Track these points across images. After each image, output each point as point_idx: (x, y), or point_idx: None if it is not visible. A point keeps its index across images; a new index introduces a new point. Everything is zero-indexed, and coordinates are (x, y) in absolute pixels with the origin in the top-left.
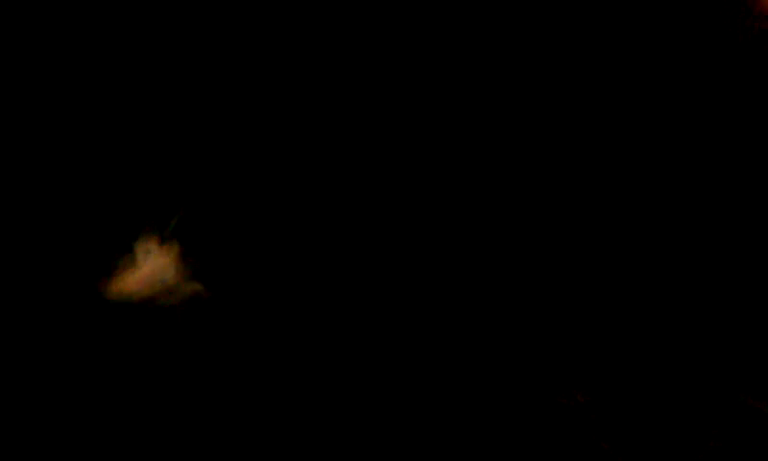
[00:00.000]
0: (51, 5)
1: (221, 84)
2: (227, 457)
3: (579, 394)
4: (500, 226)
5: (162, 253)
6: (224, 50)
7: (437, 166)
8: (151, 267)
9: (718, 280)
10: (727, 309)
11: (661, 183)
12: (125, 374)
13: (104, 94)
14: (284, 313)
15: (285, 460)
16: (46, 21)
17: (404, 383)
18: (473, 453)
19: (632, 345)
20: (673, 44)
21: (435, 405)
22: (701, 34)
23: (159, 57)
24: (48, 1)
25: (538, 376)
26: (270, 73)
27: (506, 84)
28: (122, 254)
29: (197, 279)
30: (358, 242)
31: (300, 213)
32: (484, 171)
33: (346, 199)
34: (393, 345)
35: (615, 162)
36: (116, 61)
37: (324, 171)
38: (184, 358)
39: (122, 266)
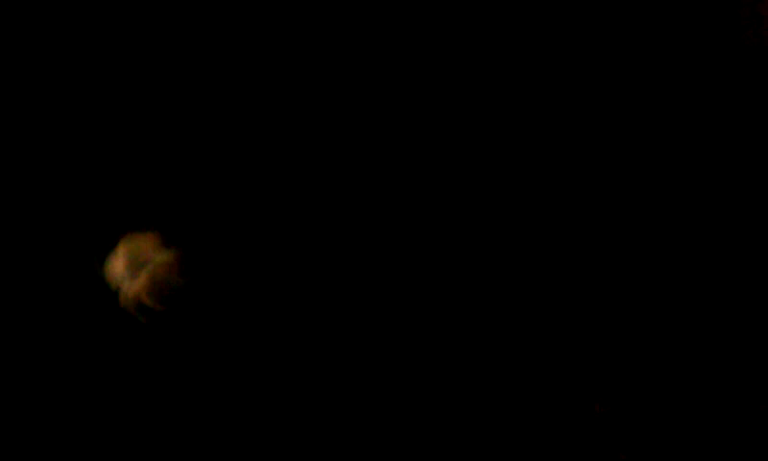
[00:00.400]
0: (51, 5)
1: (220, 84)
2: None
3: (596, 404)
4: (514, 230)
5: (162, 257)
6: (223, 50)
7: (439, 166)
8: (151, 273)
9: (738, 288)
10: (747, 316)
11: (677, 186)
12: (128, 377)
13: (103, 93)
14: (285, 312)
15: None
16: (46, 21)
17: (415, 389)
18: None
19: (651, 352)
20: (673, 44)
21: (445, 414)
22: (701, 33)
23: (159, 57)
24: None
25: (552, 386)
26: (269, 73)
27: (506, 83)
28: (121, 259)
29: (198, 282)
30: (360, 242)
31: (299, 213)
32: (494, 172)
33: (346, 198)
34: (398, 348)
35: (627, 163)
36: (116, 61)
37: (323, 170)
38: (186, 361)
39: (121, 272)
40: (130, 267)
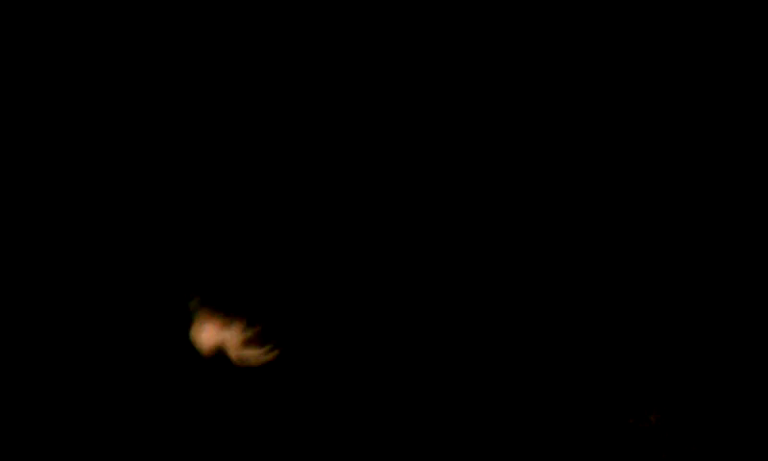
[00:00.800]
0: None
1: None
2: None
3: (651, 414)
4: (553, 233)
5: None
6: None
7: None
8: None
9: None
10: None
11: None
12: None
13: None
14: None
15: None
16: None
17: (466, 399)
18: None
19: (706, 360)
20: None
21: (498, 423)
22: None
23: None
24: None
25: (606, 395)
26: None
27: (506, 83)
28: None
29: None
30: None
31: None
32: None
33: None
34: (447, 355)
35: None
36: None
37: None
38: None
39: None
40: (222, 326)
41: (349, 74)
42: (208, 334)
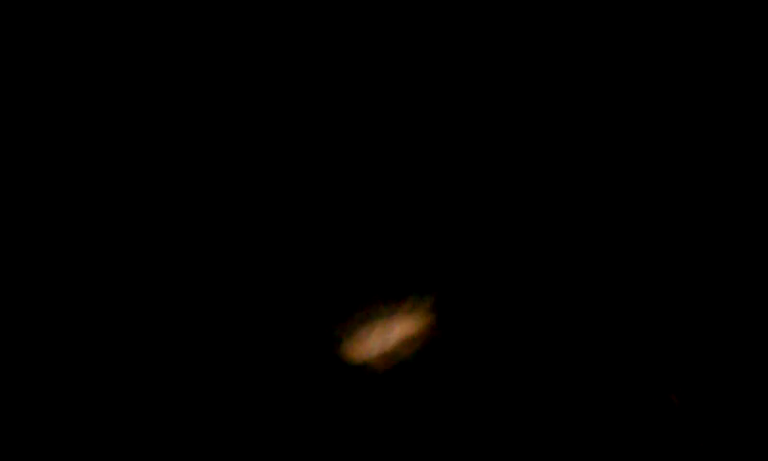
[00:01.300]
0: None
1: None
2: None
3: (673, 395)
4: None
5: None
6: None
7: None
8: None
9: None
10: None
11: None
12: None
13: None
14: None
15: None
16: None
17: (502, 382)
18: (564, 453)
19: (729, 343)
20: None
21: (526, 404)
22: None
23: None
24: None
25: (629, 377)
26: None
27: (506, 83)
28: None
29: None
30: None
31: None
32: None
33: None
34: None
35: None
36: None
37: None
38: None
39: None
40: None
41: (350, 75)
42: (373, 342)
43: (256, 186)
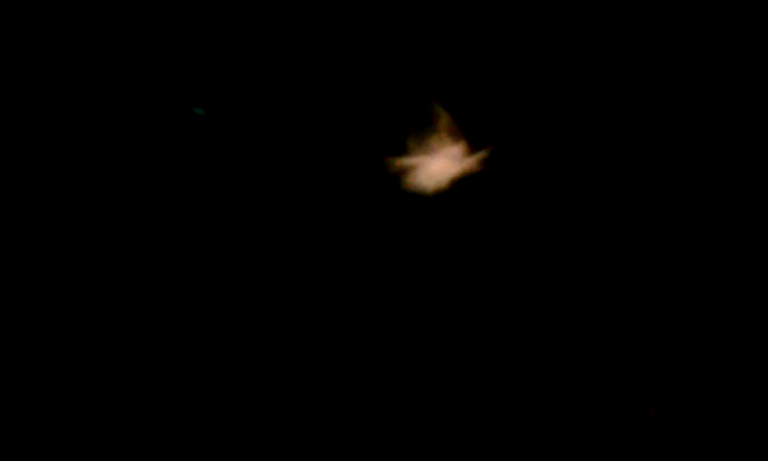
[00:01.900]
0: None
1: None
2: None
3: (651, 407)
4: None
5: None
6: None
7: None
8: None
9: None
10: None
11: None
12: None
13: None
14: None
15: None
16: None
17: (468, 388)
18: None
19: (711, 353)
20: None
21: (496, 413)
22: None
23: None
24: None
25: (605, 387)
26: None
27: (506, 83)
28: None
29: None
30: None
31: None
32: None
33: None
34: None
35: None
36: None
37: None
38: None
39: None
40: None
41: (350, 75)
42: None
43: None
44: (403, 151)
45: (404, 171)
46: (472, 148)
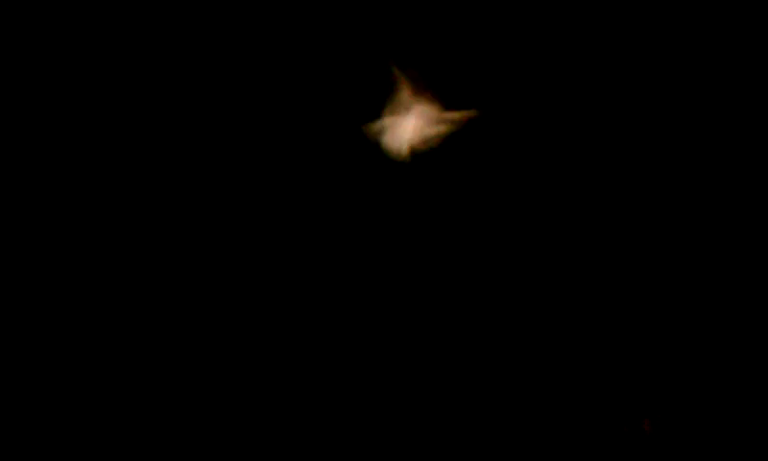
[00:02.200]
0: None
1: None
2: None
3: (645, 421)
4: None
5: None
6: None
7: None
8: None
9: None
10: None
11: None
12: None
13: None
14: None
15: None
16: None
17: (461, 399)
18: None
19: (705, 367)
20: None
21: (490, 427)
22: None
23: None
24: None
25: (600, 401)
26: None
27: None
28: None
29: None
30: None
31: None
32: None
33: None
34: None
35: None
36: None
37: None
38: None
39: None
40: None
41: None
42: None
43: None
44: (374, 113)
45: (377, 133)
46: (446, 108)
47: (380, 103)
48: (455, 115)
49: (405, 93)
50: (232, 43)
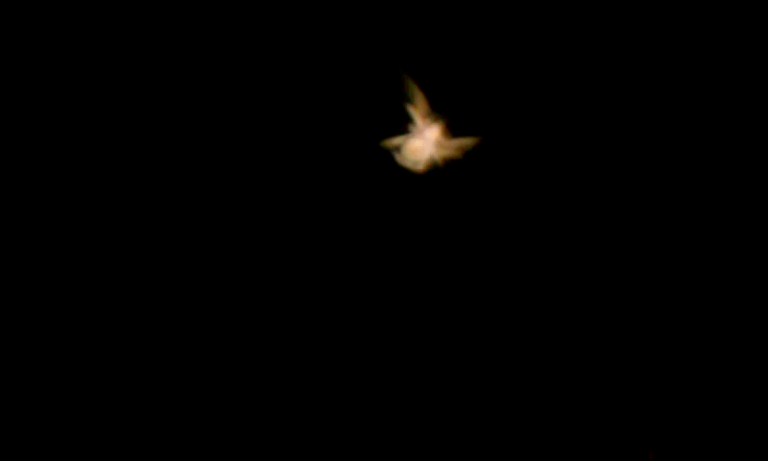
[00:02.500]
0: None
1: None
2: None
3: (650, 454)
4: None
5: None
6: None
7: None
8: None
9: None
10: None
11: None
12: None
13: None
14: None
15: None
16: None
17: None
18: None
19: (708, 397)
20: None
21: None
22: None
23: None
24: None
25: (604, 432)
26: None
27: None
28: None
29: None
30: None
31: None
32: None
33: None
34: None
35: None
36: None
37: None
38: None
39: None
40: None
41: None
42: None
43: None
44: (384, 130)
45: (394, 149)
46: (453, 133)
47: (399, 120)
48: (468, 141)
49: (423, 113)
50: (256, 64)
